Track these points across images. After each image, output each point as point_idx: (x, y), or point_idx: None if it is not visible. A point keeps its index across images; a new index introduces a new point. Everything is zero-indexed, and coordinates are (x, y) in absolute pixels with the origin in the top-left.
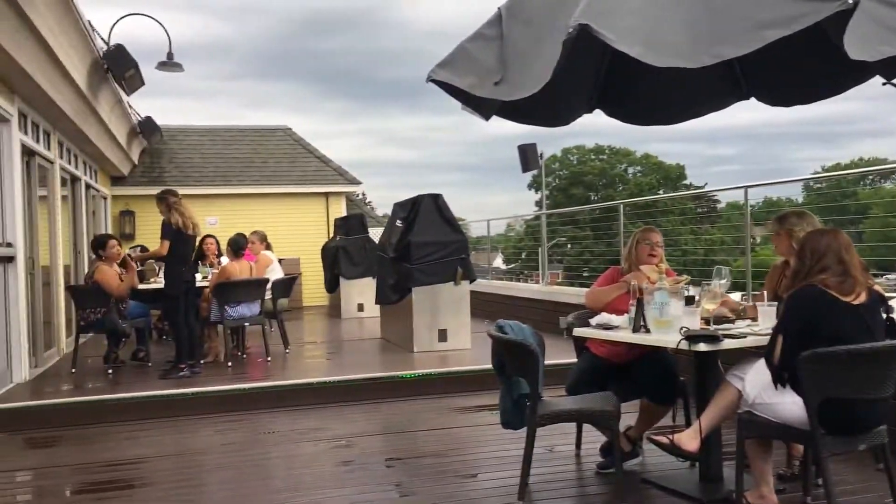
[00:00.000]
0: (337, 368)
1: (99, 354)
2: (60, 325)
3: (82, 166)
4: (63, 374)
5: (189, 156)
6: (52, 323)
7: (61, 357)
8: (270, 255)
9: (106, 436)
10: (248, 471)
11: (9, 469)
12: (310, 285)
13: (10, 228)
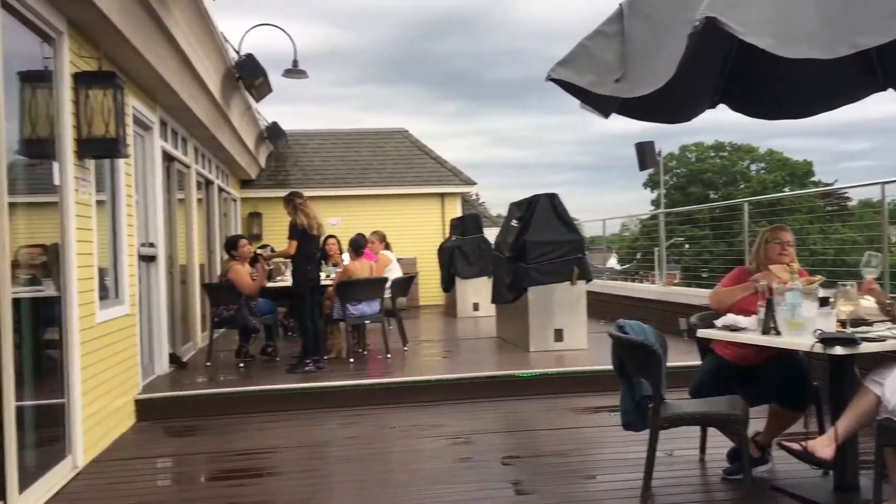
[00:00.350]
0: (454, 366)
1: (231, 349)
2: (196, 320)
3: (215, 170)
4: (199, 367)
5: (311, 159)
6: (189, 319)
7: (197, 351)
8: (389, 255)
9: (238, 426)
10: (371, 463)
11: (151, 455)
12: (426, 285)
13: (152, 229)
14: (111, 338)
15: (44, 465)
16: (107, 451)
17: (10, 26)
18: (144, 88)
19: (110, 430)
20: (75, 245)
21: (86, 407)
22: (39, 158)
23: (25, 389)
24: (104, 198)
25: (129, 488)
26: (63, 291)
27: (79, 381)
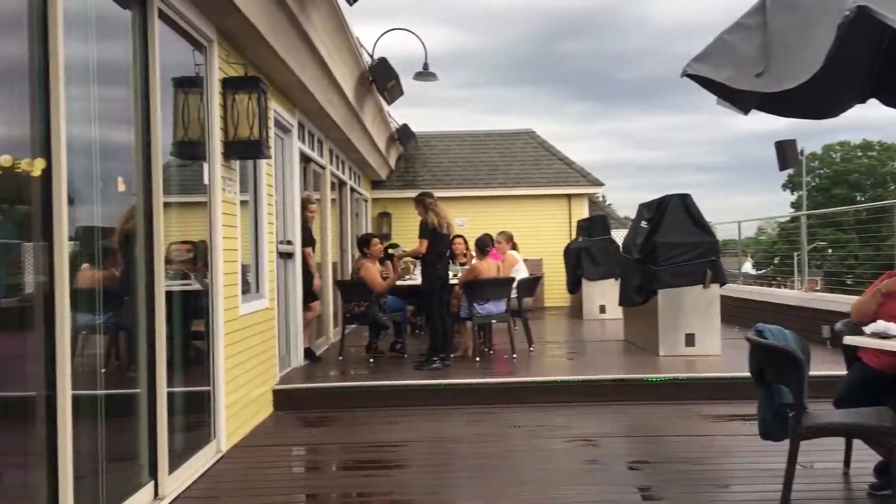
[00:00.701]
0: (580, 368)
1: (361, 344)
2: (329, 316)
3: (348, 171)
4: (331, 361)
5: (440, 160)
6: (322, 314)
7: (329, 346)
8: (516, 255)
9: (368, 419)
10: (497, 461)
11: (287, 443)
12: (552, 286)
13: (290, 227)
14: (252, 330)
15: (191, 448)
16: (247, 437)
17: (166, 35)
18: (285, 92)
19: (250, 417)
20: (221, 241)
21: (229, 395)
22: (190, 159)
23: (175, 377)
24: (247, 198)
25: (268, 474)
26: (210, 285)
27: (223, 370)
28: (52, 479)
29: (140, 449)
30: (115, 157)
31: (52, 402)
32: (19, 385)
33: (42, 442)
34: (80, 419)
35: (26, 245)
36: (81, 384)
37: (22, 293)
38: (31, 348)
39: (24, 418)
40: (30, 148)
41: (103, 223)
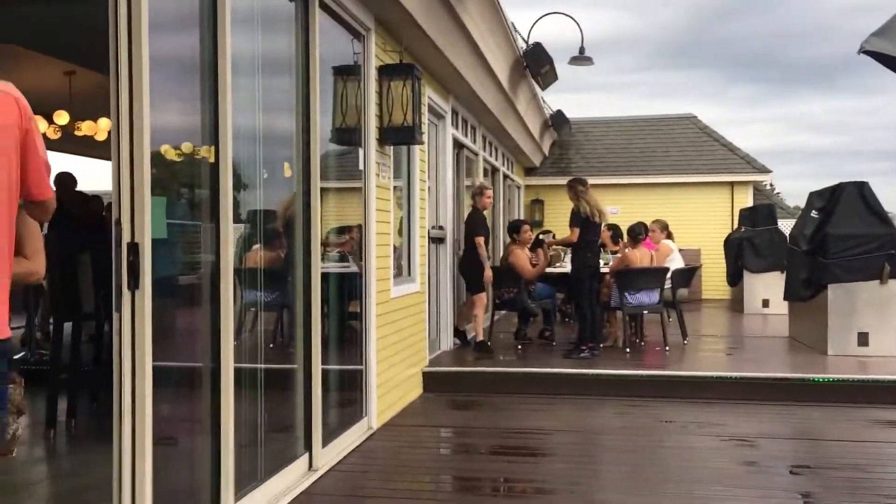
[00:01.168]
0: (738, 364)
1: (510, 331)
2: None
3: (501, 158)
4: None
5: (594, 147)
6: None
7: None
8: (671, 245)
9: (514, 405)
10: (645, 456)
11: (434, 425)
12: (710, 277)
13: (442, 213)
14: (403, 312)
15: (343, 424)
16: (397, 416)
17: (326, 26)
18: (439, 79)
19: (400, 397)
20: (374, 226)
21: (380, 374)
22: (348, 146)
23: (330, 355)
24: (400, 183)
25: (416, 453)
26: (363, 268)
27: (374, 350)
28: (216, 445)
29: (296, 422)
30: (278, 143)
31: (217, 374)
32: (195, 356)
33: (208, 411)
34: (241, 391)
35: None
36: (244, 358)
37: (197, 271)
38: (203, 323)
39: (196, 387)
40: (200, 136)
41: (266, 207)
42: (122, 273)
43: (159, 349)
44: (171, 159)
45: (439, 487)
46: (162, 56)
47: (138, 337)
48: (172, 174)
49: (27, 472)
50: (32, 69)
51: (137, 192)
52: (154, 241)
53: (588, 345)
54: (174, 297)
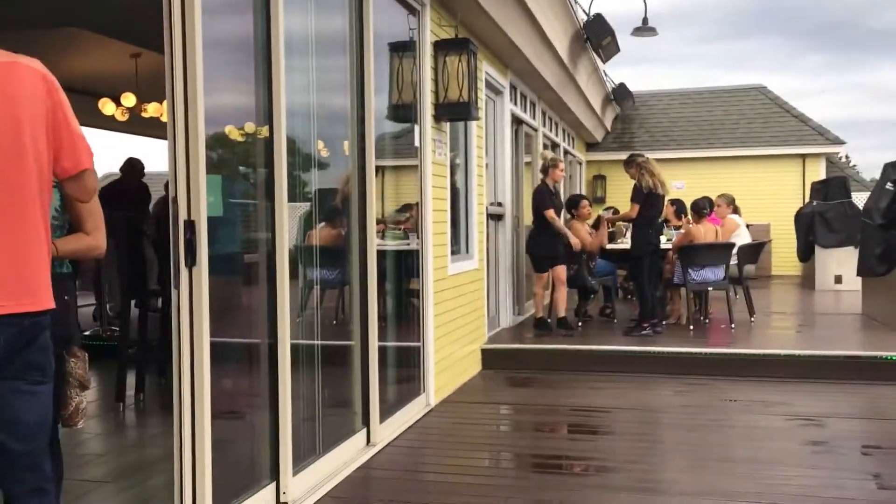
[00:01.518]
0: (808, 342)
1: (570, 308)
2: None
3: (561, 133)
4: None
5: (658, 120)
6: (532, 277)
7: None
8: (738, 220)
9: (573, 382)
10: (707, 435)
11: (493, 402)
12: (780, 253)
13: (500, 189)
14: (461, 290)
15: (401, 400)
16: (455, 393)
17: (381, 1)
18: (496, 53)
19: (458, 374)
20: (431, 202)
21: (438, 351)
22: (404, 122)
23: (389, 332)
24: (458, 161)
25: (474, 429)
26: (420, 245)
27: (432, 327)
28: (274, 419)
29: (354, 398)
30: (334, 122)
31: (274, 350)
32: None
33: (266, 386)
34: (299, 367)
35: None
36: (303, 335)
37: (255, 249)
38: (260, 300)
39: (254, 363)
40: (255, 116)
41: (323, 186)
42: (179, 250)
43: (218, 325)
44: (227, 139)
45: (498, 464)
46: (216, 37)
47: (196, 313)
48: (228, 154)
49: (96, 444)
50: (100, 52)
51: (193, 170)
52: (211, 220)
53: (650, 322)
54: (232, 274)
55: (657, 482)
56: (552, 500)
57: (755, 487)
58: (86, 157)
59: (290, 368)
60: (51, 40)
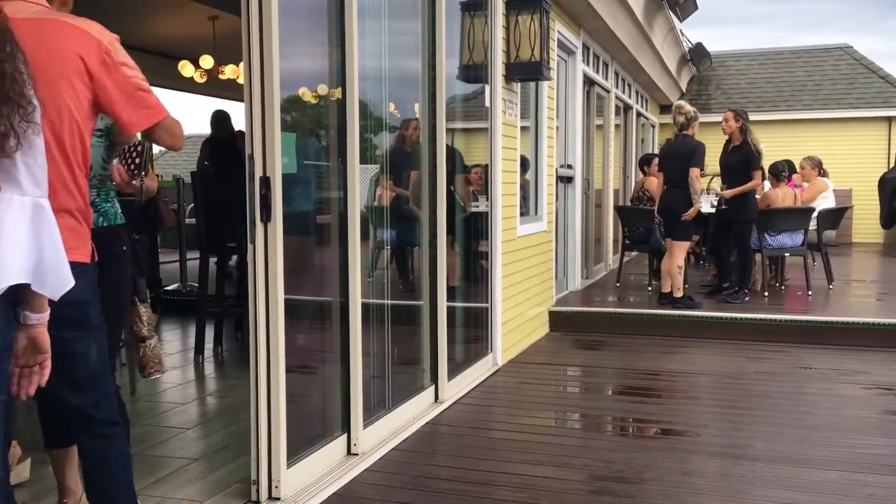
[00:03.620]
0: (889, 311)
1: (640, 273)
2: (608, 242)
3: (634, 95)
4: (609, 287)
5: (737, 81)
6: (601, 240)
7: (608, 272)
8: (826, 182)
9: (643, 347)
10: (782, 402)
11: (560, 363)
12: (862, 219)
13: (571, 152)
14: (529, 251)
15: (469, 359)
16: (522, 354)
17: None
18: (569, 13)
19: (526, 336)
20: (501, 164)
21: (506, 312)
22: (475, 83)
23: (457, 293)
24: (528, 123)
25: (540, 390)
26: (489, 207)
27: (500, 288)
28: (345, 374)
29: (423, 356)
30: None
31: (346, 307)
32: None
33: (338, 342)
34: (370, 325)
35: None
36: (373, 294)
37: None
38: (332, 258)
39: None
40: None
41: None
42: (255, 206)
43: (291, 283)
44: (301, 101)
45: (564, 423)
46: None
47: (271, 268)
48: (302, 115)
49: (175, 393)
50: (179, 15)
51: (269, 128)
52: (286, 178)
53: (744, 288)
54: (304, 233)
55: (730, 447)
56: (619, 460)
57: (831, 455)
58: (155, 110)
59: (360, 326)
60: (132, 4)
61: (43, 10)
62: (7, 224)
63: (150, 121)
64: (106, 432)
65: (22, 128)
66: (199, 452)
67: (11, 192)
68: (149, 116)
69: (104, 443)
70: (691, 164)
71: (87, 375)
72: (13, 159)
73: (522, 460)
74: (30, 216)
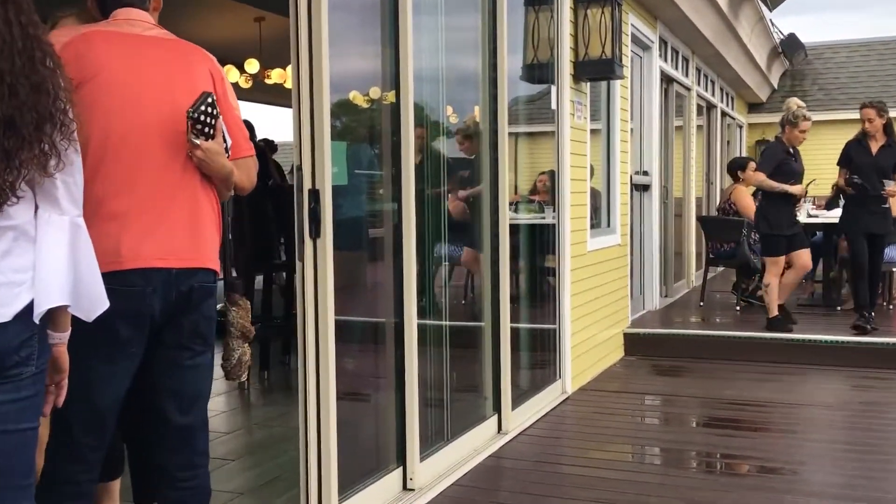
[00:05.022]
0: None
1: (726, 290)
2: (690, 256)
3: (718, 93)
4: (691, 306)
5: (835, 75)
6: (682, 254)
7: (690, 289)
8: None
9: (730, 373)
10: (889, 437)
11: (636, 391)
12: None
13: (647, 157)
14: (601, 267)
15: (535, 386)
16: (594, 381)
17: None
18: (644, 4)
19: (598, 360)
20: (569, 171)
21: (575, 334)
22: (540, 83)
23: (522, 312)
24: (598, 126)
25: (615, 420)
26: (557, 218)
27: (569, 308)
28: (400, 402)
29: (484, 383)
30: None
31: (401, 329)
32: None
33: (392, 367)
34: (427, 348)
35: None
36: (430, 314)
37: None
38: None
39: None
40: (381, 81)
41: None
42: (303, 221)
43: (342, 302)
44: (351, 105)
45: (641, 458)
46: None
47: (321, 286)
48: (352, 121)
49: (220, 422)
50: (223, 16)
51: (318, 137)
52: (336, 189)
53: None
54: (356, 248)
55: (827, 486)
56: (705, 500)
57: None
58: (246, 145)
59: (416, 349)
60: (173, 5)
61: (164, 31)
62: (49, 245)
63: (239, 153)
64: (199, 462)
65: (63, 146)
66: (246, 485)
67: (51, 212)
68: (240, 149)
69: (200, 472)
70: (760, 167)
71: (200, 393)
72: (53, 178)
73: (594, 498)
74: (69, 236)
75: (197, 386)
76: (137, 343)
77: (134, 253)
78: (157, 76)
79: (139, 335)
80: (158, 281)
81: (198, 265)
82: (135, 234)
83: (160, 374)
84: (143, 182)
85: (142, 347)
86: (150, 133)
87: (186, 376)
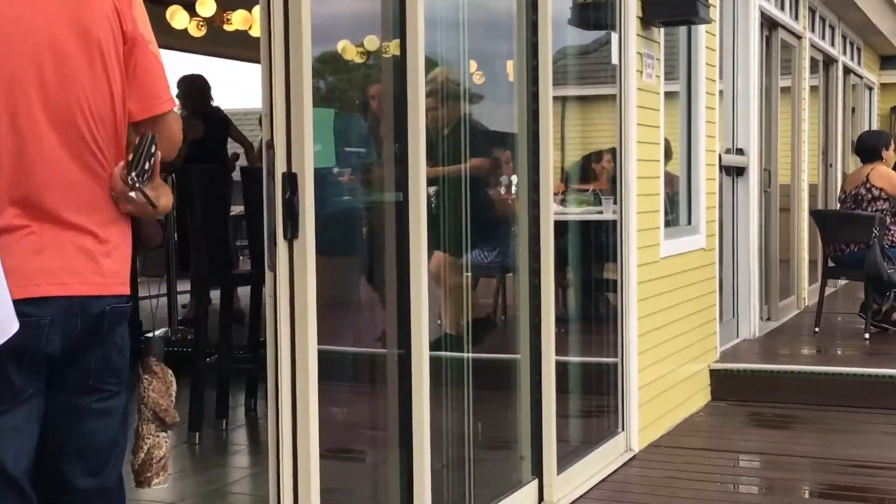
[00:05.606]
0: None
1: (850, 311)
2: (802, 265)
3: (839, 42)
4: (803, 334)
5: None
6: (790, 262)
7: (801, 310)
8: None
9: (856, 424)
10: None
11: (731, 449)
12: None
13: (742, 130)
14: (679, 280)
15: (589, 442)
16: (670, 434)
17: None
18: None
19: (675, 406)
20: (635, 149)
21: (643, 371)
22: (596, 30)
23: (570, 342)
24: (676, 88)
25: (699, 489)
26: (620, 213)
27: (635, 336)
28: (406, 461)
29: (520, 436)
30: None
31: (406, 363)
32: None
33: (395, 415)
34: (441, 389)
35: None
36: (445, 343)
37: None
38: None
39: (378, 382)
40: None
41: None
42: (275, 216)
43: (327, 325)
44: (341, 60)
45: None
46: None
47: (299, 304)
48: (342, 81)
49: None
50: None
51: (296, 103)
52: (320, 174)
53: None
54: (348, 253)
55: None
56: None
57: None
58: (165, 94)
59: (428, 390)
60: None
61: None
62: None
63: (157, 109)
64: None
65: None
66: None
67: None
68: (158, 102)
69: None
70: None
71: (114, 445)
72: None
73: None
74: None
75: (109, 436)
76: (34, 386)
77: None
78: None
79: (34, 378)
80: (57, 310)
81: (102, 292)
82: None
83: (59, 427)
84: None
85: (41, 392)
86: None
87: (96, 425)
